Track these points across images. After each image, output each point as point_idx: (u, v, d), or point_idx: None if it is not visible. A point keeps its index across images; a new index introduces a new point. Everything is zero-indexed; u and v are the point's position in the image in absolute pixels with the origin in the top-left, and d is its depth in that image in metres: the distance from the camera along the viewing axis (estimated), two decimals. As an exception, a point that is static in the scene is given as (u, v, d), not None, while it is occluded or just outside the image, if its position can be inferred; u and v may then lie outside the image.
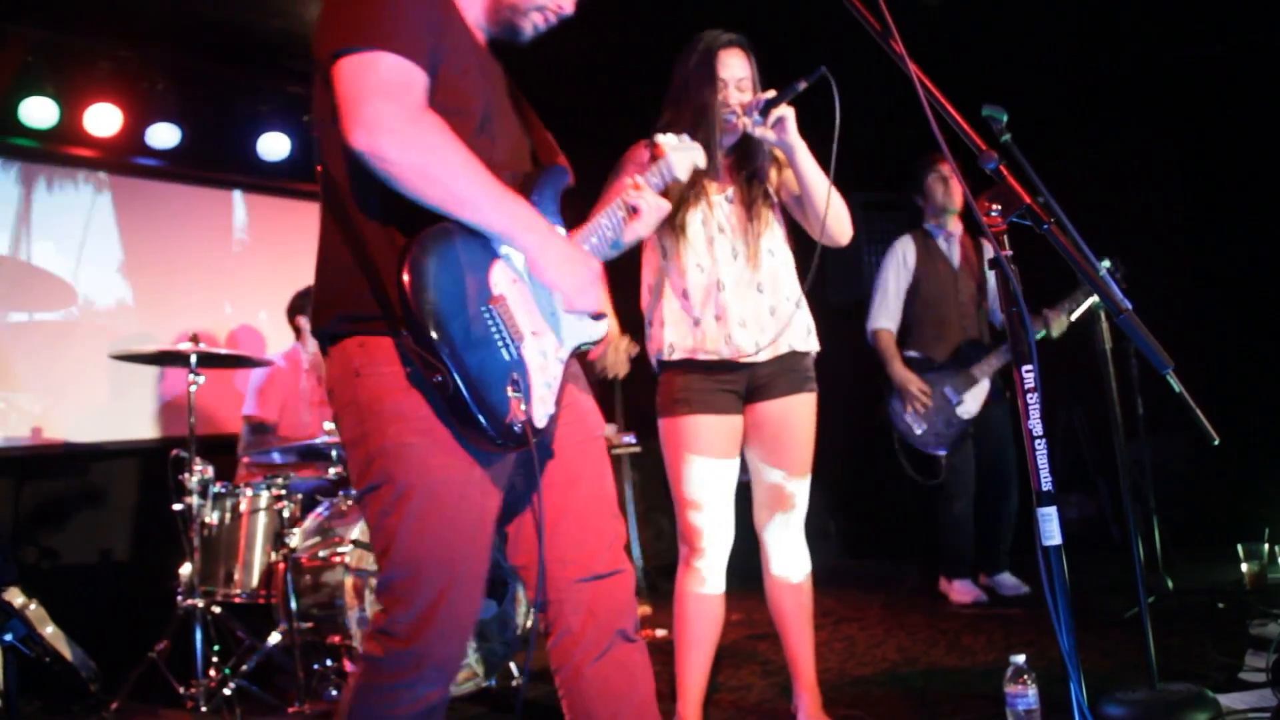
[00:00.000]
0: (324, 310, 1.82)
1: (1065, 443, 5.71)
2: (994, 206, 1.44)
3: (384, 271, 1.71)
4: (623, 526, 2.03)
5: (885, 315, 4.87)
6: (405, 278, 1.63)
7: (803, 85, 2.66)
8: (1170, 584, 4.17)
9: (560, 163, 2.00)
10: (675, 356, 2.86)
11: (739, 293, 2.84)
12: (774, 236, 2.92)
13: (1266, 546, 4.03)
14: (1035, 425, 1.41)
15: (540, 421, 1.79)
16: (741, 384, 2.89)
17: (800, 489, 2.94)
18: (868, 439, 5.25)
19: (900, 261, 4.88)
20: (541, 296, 1.86)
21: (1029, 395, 1.41)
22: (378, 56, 1.65)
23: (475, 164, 1.69)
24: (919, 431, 4.68)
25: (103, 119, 4.86)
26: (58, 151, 4.87)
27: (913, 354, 4.80)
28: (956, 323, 4.84)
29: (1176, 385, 2.35)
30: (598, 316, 2.01)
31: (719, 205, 2.88)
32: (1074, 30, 5.83)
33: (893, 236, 5.03)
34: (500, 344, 1.73)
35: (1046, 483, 1.39)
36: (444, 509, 1.72)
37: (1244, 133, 5.75)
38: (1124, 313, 1.41)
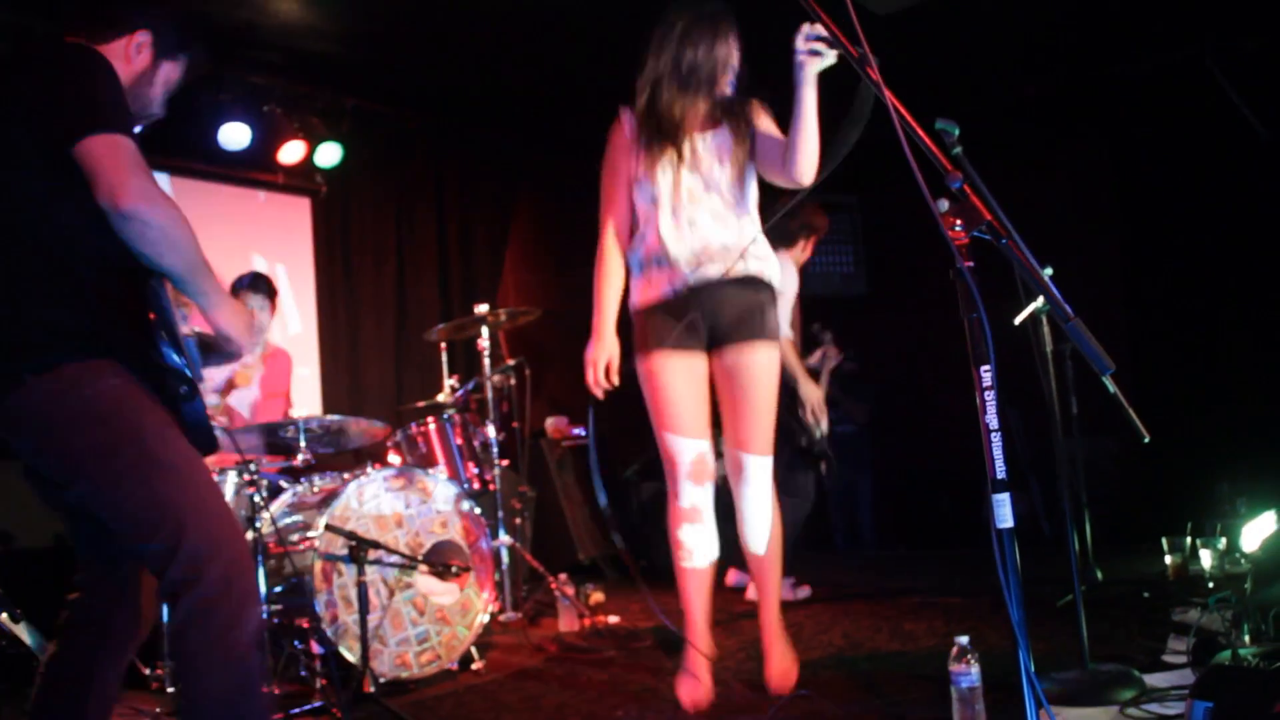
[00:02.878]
0: (30, 349, 2.00)
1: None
2: (957, 221, 1.59)
3: (110, 307, 2.02)
4: None
5: (786, 325, 4.78)
6: (158, 318, 2.05)
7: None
8: (1100, 575, 4.41)
9: None
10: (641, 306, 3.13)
11: (706, 226, 3.04)
12: (746, 180, 3.11)
13: (1188, 540, 4.26)
14: (991, 420, 1.57)
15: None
16: (700, 322, 3.09)
17: (751, 450, 3.11)
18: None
19: (791, 278, 4.88)
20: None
21: (986, 393, 1.57)
22: (124, 140, 1.97)
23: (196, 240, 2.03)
24: (816, 438, 4.90)
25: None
26: (18, 136, 4.85)
27: None
28: None
29: (1112, 387, 2.53)
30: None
31: (699, 149, 3.07)
32: (1013, 44, 6.06)
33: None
34: (195, 370, 2.14)
35: (1001, 471, 1.54)
36: (205, 475, 2.05)
37: (1175, 145, 6.02)
38: (1071, 320, 1.56)
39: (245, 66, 5.63)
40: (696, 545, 3.10)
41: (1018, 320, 3.18)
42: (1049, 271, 2.89)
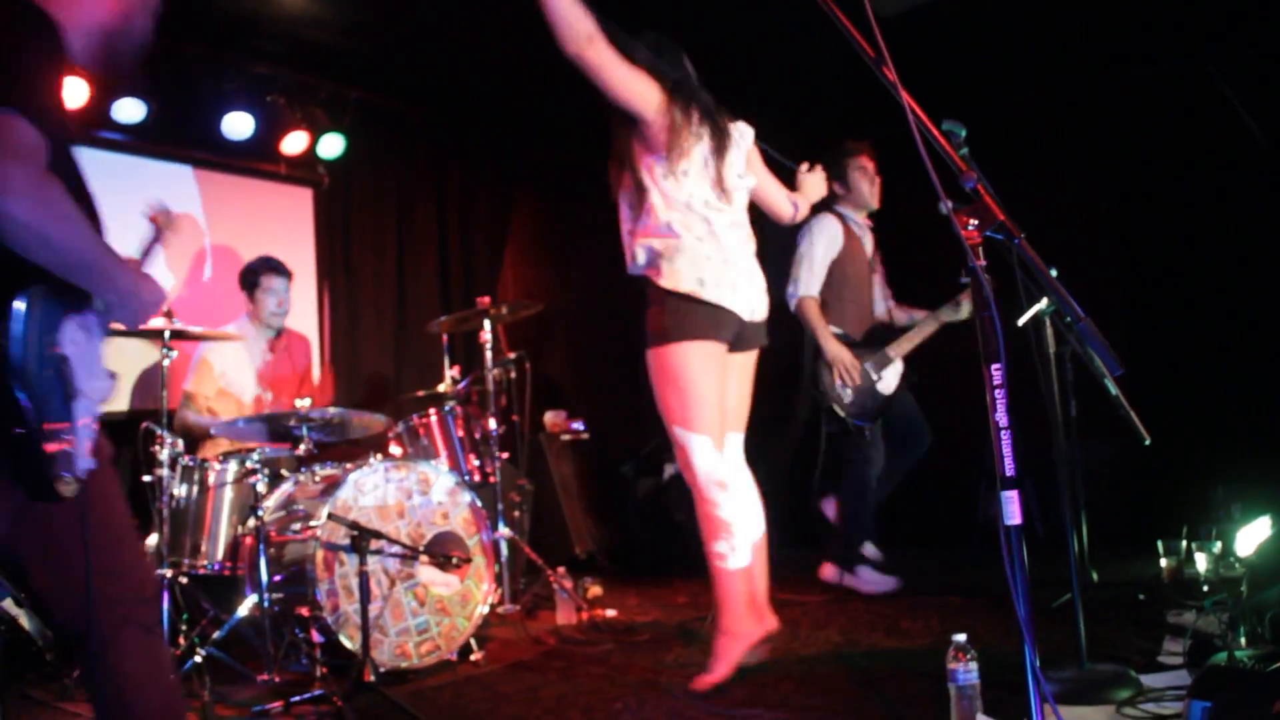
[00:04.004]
0: None
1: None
2: (971, 221, 1.61)
3: None
4: None
5: (814, 284, 4.86)
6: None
7: None
8: (1095, 576, 4.43)
9: None
10: None
11: None
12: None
13: (1184, 543, 4.29)
14: (1001, 417, 1.58)
15: (84, 474, 1.86)
16: None
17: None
18: (816, 430, 5.42)
19: (832, 236, 4.92)
20: (96, 357, 1.93)
21: (997, 390, 1.58)
22: (12, 118, 1.69)
23: (89, 231, 1.79)
24: (847, 401, 4.79)
25: (69, 91, 4.85)
26: (23, 121, 4.85)
27: (835, 330, 4.84)
28: (869, 305, 5.03)
29: (1114, 389, 2.56)
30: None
31: None
32: (1014, 49, 6.08)
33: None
34: (59, 399, 1.82)
35: (1010, 469, 1.56)
36: None
37: (1175, 152, 6.05)
38: (1082, 320, 1.58)
39: (249, 56, 5.63)
40: None
41: (1021, 321, 3.20)
42: (1054, 273, 2.92)
